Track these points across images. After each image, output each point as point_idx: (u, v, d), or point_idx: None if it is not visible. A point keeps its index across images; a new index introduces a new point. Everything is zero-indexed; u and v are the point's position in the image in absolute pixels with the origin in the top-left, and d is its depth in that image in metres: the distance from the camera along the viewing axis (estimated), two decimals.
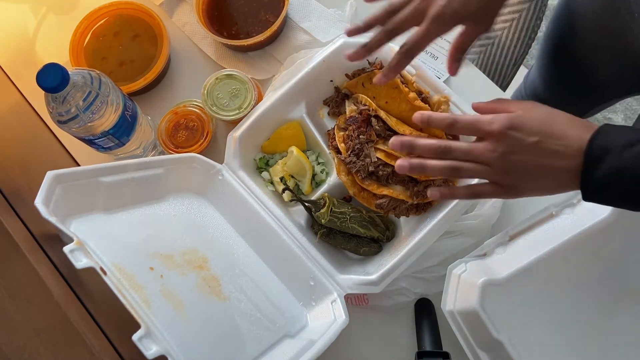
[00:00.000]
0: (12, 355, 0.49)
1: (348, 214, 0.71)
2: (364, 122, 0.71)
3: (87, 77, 0.67)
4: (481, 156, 0.52)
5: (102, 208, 0.64)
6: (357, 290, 0.68)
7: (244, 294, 0.67)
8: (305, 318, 0.70)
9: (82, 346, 0.54)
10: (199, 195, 0.75)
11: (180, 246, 0.66)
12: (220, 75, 0.78)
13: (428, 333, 0.71)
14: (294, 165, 0.75)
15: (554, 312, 0.63)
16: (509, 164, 0.51)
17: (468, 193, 0.57)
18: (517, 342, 0.60)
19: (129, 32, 0.87)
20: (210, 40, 0.89)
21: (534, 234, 0.65)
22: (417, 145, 0.56)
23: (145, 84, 0.83)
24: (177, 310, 0.58)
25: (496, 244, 0.66)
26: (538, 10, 0.93)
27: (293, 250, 0.71)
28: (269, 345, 0.64)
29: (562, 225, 0.64)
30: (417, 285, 0.73)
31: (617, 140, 0.47)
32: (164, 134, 0.81)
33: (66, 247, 0.51)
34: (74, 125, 0.68)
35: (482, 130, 0.53)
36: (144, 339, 0.48)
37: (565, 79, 0.95)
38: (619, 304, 0.64)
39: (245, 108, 0.77)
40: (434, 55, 0.87)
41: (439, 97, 0.70)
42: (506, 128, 0.51)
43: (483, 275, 0.62)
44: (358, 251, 0.74)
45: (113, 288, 0.50)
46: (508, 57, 0.96)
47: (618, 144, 0.47)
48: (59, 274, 0.59)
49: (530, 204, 0.73)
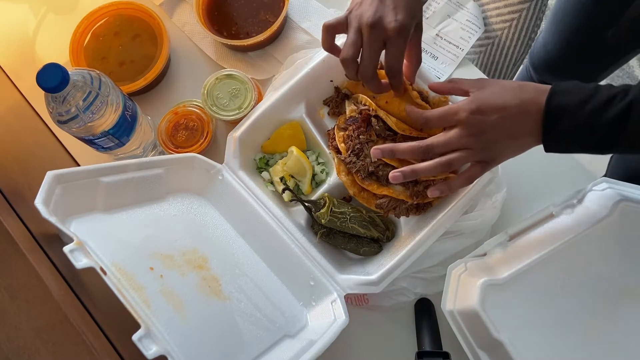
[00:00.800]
0: (12, 355, 0.49)
1: (348, 214, 0.71)
2: (364, 122, 0.71)
3: (87, 77, 0.67)
4: (459, 143, 0.59)
5: (102, 208, 0.64)
6: (357, 290, 0.68)
7: (244, 294, 0.67)
8: (305, 318, 0.70)
9: (82, 346, 0.54)
10: (199, 195, 0.75)
11: (180, 246, 0.66)
12: (220, 75, 0.78)
13: (428, 333, 0.71)
14: (294, 165, 0.75)
15: (554, 312, 0.63)
16: (484, 142, 0.58)
17: (463, 180, 0.61)
18: (517, 342, 0.60)
19: (129, 32, 0.87)
20: (210, 40, 0.89)
21: (534, 234, 0.65)
22: (397, 150, 0.62)
23: (145, 84, 0.83)
24: (177, 310, 0.58)
25: (496, 244, 0.66)
26: (538, 10, 0.93)
27: (293, 250, 0.71)
28: (269, 345, 0.64)
29: (562, 225, 0.64)
30: (417, 285, 0.73)
31: (572, 100, 0.54)
32: (164, 134, 0.81)
33: (66, 247, 0.51)
34: (74, 125, 0.68)
35: (452, 121, 0.59)
36: (144, 339, 0.48)
37: (582, 30, 0.95)
38: (619, 304, 0.64)
39: (245, 108, 0.77)
40: (434, 56, 0.87)
41: (440, 96, 0.70)
42: (470, 113, 0.57)
43: (483, 275, 0.62)
44: (358, 251, 0.74)
45: (113, 288, 0.50)
46: (508, 57, 0.96)
47: (573, 104, 0.53)
48: (59, 274, 0.59)
49: (530, 204, 0.73)
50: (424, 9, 0.89)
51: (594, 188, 0.65)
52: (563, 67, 1.05)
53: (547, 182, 0.79)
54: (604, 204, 0.63)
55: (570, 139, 0.55)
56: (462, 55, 0.86)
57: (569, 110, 0.53)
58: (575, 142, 0.55)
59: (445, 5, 0.89)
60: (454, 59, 0.86)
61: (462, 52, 0.86)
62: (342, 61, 0.62)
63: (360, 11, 0.60)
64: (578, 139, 0.55)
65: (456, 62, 0.86)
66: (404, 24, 0.58)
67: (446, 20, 0.88)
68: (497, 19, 0.92)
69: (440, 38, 0.87)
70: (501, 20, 0.92)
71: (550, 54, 1.04)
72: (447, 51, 0.87)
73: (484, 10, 0.91)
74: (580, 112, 0.53)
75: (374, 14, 0.58)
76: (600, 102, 0.53)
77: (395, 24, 0.58)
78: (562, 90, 0.55)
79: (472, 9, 0.89)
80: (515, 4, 0.92)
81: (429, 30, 0.88)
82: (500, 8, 0.92)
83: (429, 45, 0.87)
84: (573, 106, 0.53)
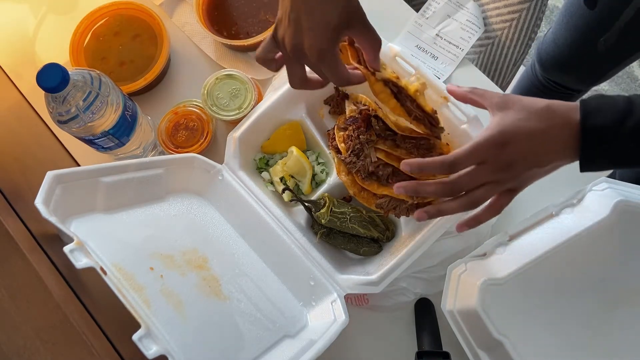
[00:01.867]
0: (12, 355, 0.49)
1: (348, 214, 0.71)
2: (364, 122, 0.71)
3: (87, 77, 0.67)
4: (486, 178, 0.54)
5: (102, 208, 0.64)
6: (357, 290, 0.68)
7: (244, 294, 0.67)
8: (305, 318, 0.70)
9: (82, 346, 0.54)
10: (199, 195, 0.75)
11: (180, 246, 0.66)
12: (220, 75, 0.78)
13: (428, 333, 0.71)
14: (294, 165, 0.75)
15: (554, 312, 0.63)
16: (512, 174, 0.54)
17: (493, 212, 0.58)
18: (517, 342, 0.60)
19: (129, 32, 0.87)
20: (210, 40, 0.89)
21: (534, 234, 0.65)
22: (421, 191, 0.56)
23: (145, 84, 0.83)
24: (177, 310, 0.58)
25: (496, 244, 0.66)
26: (538, 10, 0.93)
27: (293, 250, 0.71)
28: (269, 345, 0.64)
29: (562, 225, 0.64)
30: (417, 285, 0.73)
31: (606, 120, 0.50)
32: (164, 134, 0.81)
33: (66, 247, 0.51)
34: (74, 125, 0.68)
35: (479, 158, 0.53)
36: (144, 338, 0.48)
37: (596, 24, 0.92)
38: (619, 304, 0.64)
39: (245, 108, 0.77)
40: (434, 55, 0.87)
41: (418, 83, 0.64)
42: (497, 148, 0.52)
43: (483, 275, 0.62)
44: (358, 251, 0.74)
45: (113, 288, 0.50)
46: (508, 57, 0.95)
47: (608, 125, 0.50)
48: (59, 274, 0.59)
49: (530, 204, 0.73)
50: (424, 9, 0.89)
51: (593, 188, 0.65)
52: (573, 64, 1.03)
53: (547, 182, 0.78)
54: (604, 204, 0.63)
55: (609, 159, 0.52)
56: (462, 55, 0.86)
57: (607, 131, 0.50)
58: (613, 162, 0.52)
59: (445, 5, 0.89)
60: (454, 59, 0.86)
61: (462, 52, 0.86)
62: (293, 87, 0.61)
63: (281, 35, 0.57)
64: (617, 159, 0.52)
65: (456, 62, 0.86)
66: (321, 49, 0.54)
67: (446, 20, 0.88)
68: (497, 19, 0.92)
69: (440, 38, 0.88)
70: (501, 20, 0.92)
71: (560, 48, 1.02)
72: (447, 51, 0.87)
73: (484, 10, 0.91)
74: (619, 133, 0.50)
75: (292, 40, 0.55)
76: (637, 119, 0.49)
77: (312, 50, 0.54)
78: (593, 108, 0.51)
79: (472, 9, 0.89)
80: (515, 4, 0.92)
81: (429, 30, 0.88)
82: (500, 8, 0.92)
83: (429, 45, 0.88)
84: (610, 126, 0.50)
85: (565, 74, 1.07)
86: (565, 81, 1.10)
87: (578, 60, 1.02)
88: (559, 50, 1.02)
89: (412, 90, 0.62)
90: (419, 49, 0.88)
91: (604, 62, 1.00)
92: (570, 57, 1.01)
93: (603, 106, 0.51)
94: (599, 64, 1.01)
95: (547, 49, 1.06)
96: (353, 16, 0.55)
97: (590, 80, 1.08)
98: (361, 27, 0.56)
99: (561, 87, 1.12)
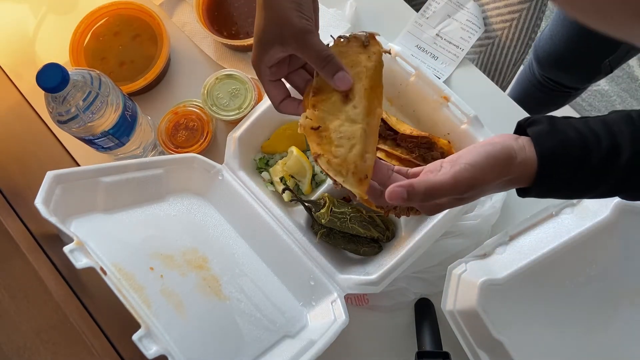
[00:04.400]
0: (12, 355, 0.49)
1: (348, 214, 0.71)
2: None
3: (87, 77, 0.67)
4: (450, 206, 0.52)
5: (102, 208, 0.64)
6: (357, 290, 0.68)
7: (244, 294, 0.67)
8: (305, 318, 0.70)
9: (82, 346, 0.54)
10: (199, 195, 0.75)
11: (180, 246, 0.66)
12: (220, 75, 0.78)
13: (428, 333, 0.71)
14: (294, 165, 0.75)
15: (554, 312, 0.63)
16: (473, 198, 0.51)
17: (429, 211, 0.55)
18: (517, 342, 0.60)
19: (129, 32, 0.87)
20: (210, 40, 0.89)
21: (534, 234, 0.65)
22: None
23: (145, 84, 0.83)
24: (177, 310, 0.58)
25: (496, 244, 0.66)
26: (538, 10, 0.93)
27: (293, 250, 0.71)
28: (269, 345, 0.64)
29: (562, 225, 0.64)
30: (417, 285, 0.73)
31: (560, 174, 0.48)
32: (164, 134, 0.81)
33: (66, 247, 0.51)
34: (74, 125, 0.68)
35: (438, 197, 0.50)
36: (144, 339, 0.48)
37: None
38: (619, 304, 0.64)
39: (245, 108, 0.77)
40: (434, 56, 0.87)
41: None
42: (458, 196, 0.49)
43: (483, 275, 0.62)
44: (358, 251, 0.74)
45: (113, 288, 0.50)
46: (508, 57, 0.95)
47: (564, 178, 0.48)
48: (59, 274, 0.59)
49: (531, 204, 0.73)
50: (424, 9, 0.89)
51: None
52: (570, 61, 1.03)
53: None
54: (603, 204, 0.63)
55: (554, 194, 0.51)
56: (462, 55, 0.86)
57: (559, 182, 0.49)
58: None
59: (445, 5, 0.89)
60: (454, 59, 0.86)
61: (462, 52, 0.86)
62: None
63: None
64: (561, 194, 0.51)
65: (456, 62, 0.86)
66: (253, 64, 0.52)
67: (446, 20, 0.88)
68: (497, 19, 0.92)
69: (440, 38, 0.88)
70: (501, 20, 0.92)
71: (557, 45, 1.02)
72: (447, 51, 0.87)
73: (484, 10, 0.91)
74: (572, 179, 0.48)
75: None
76: (590, 168, 0.48)
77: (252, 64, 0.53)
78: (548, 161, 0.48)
79: (472, 9, 0.89)
80: (515, 4, 0.92)
81: (429, 30, 0.88)
82: (500, 8, 0.92)
83: (429, 45, 0.88)
84: (564, 179, 0.48)
85: (562, 70, 1.07)
86: (561, 78, 1.10)
87: (574, 57, 1.02)
88: (555, 46, 1.03)
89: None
90: (419, 49, 0.88)
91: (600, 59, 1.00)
92: (566, 52, 1.02)
93: (559, 158, 0.48)
94: (594, 61, 1.01)
95: (544, 46, 1.06)
96: (287, 32, 0.49)
97: (587, 77, 1.08)
98: (296, 46, 0.49)
99: (559, 85, 1.12)
